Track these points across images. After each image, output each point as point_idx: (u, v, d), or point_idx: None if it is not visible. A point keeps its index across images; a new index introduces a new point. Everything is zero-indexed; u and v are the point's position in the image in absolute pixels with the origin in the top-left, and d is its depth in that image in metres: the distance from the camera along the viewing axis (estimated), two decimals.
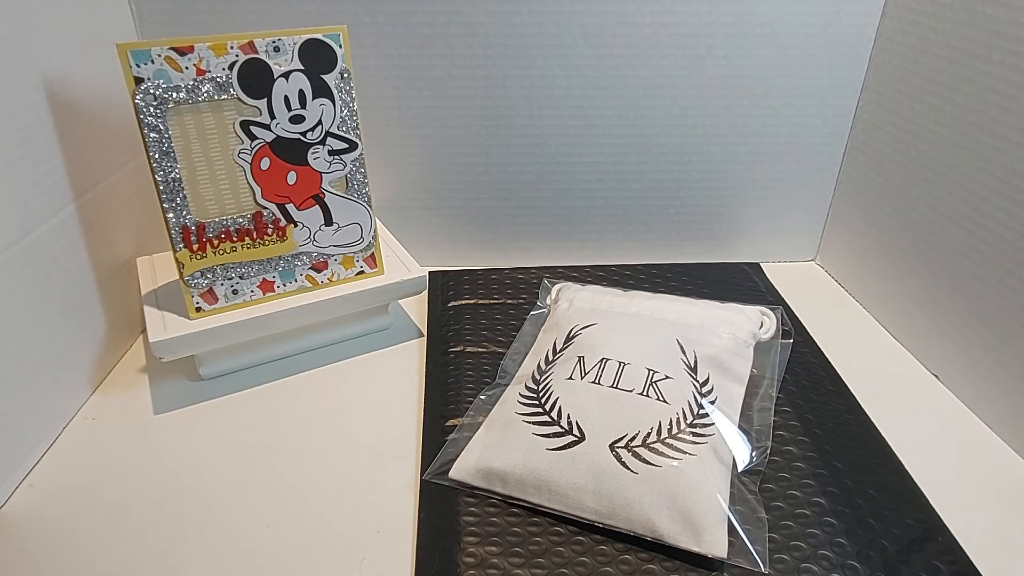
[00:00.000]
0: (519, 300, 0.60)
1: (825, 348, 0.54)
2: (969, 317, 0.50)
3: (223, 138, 0.45)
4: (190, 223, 0.46)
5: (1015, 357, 0.46)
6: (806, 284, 0.66)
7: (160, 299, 0.50)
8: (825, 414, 0.47)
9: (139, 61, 0.41)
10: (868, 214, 0.61)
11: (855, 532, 0.38)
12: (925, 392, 0.52)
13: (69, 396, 0.48)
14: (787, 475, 0.42)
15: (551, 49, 0.57)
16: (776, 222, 0.68)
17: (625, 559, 0.37)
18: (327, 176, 0.49)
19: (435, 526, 0.39)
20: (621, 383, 0.43)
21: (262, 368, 0.53)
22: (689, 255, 0.68)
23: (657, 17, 0.56)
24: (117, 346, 0.54)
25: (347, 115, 0.48)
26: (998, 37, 0.46)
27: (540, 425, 0.42)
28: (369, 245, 0.52)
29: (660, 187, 0.65)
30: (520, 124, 0.61)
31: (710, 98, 0.60)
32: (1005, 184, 0.46)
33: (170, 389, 0.51)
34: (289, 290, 0.51)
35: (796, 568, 0.36)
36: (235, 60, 0.44)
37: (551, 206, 0.65)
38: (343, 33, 0.46)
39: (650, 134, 0.62)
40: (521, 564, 0.36)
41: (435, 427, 0.46)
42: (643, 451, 0.39)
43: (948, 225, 0.51)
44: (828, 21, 0.58)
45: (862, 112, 0.61)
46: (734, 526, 0.37)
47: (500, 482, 0.40)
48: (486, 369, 0.51)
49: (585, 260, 0.67)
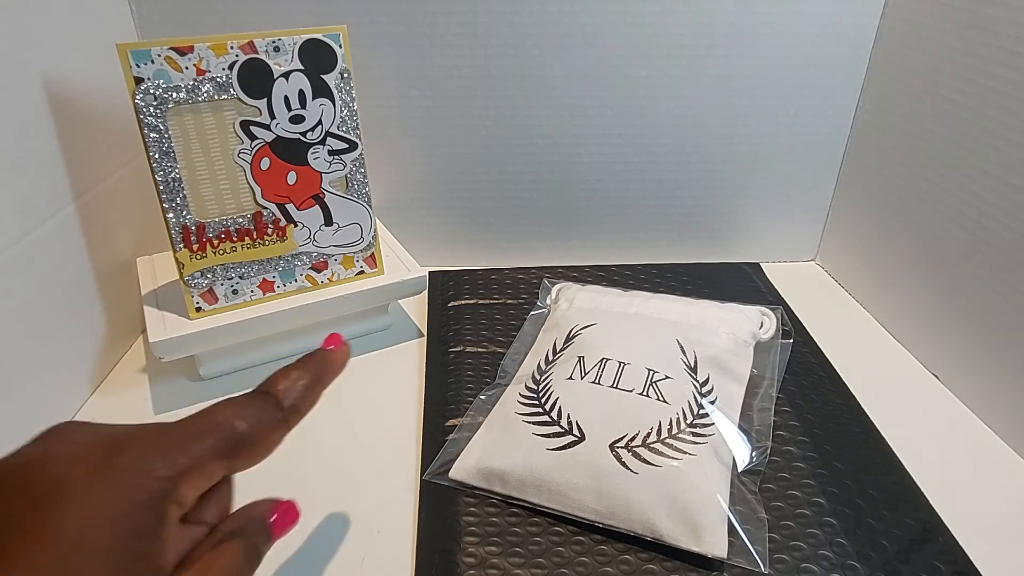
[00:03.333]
0: (519, 300, 0.60)
1: (825, 348, 0.54)
2: (969, 317, 0.50)
3: (223, 138, 0.45)
4: (190, 223, 0.46)
5: (1015, 357, 0.46)
6: (806, 284, 0.66)
7: (160, 299, 0.50)
8: (825, 414, 0.47)
9: (139, 61, 0.41)
10: (868, 214, 0.61)
11: (855, 532, 0.38)
12: (925, 392, 0.52)
13: (69, 396, 0.48)
14: (787, 475, 0.42)
15: (551, 49, 0.57)
16: (776, 222, 0.68)
17: (625, 559, 0.37)
18: (327, 176, 0.49)
19: (435, 526, 0.39)
20: (621, 383, 0.43)
21: (262, 368, 0.53)
22: (689, 255, 0.68)
23: (657, 17, 0.56)
24: (117, 346, 0.54)
25: (347, 115, 0.48)
26: (998, 37, 0.46)
27: (540, 425, 0.42)
28: (369, 245, 0.52)
29: (660, 187, 0.65)
30: (520, 124, 0.61)
31: (710, 98, 0.60)
32: (1005, 184, 0.46)
33: (170, 389, 0.51)
34: (289, 290, 0.51)
35: (796, 568, 0.36)
36: (235, 60, 0.44)
37: (551, 206, 0.65)
38: (343, 33, 0.46)
39: (650, 134, 0.62)
40: (521, 564, 0.36)
41: (435, 427, 0.46)
42: (643, 451, 0.39)
43: (948, 225, 0.51)
44: (828, 21, 0.57)
45: (862, 112, 0.61)
46: (734, 526, 0.37)
47: (500, 482, 0.40)
48: (486, 369, 0.51)
49: (585, 260, 0.67)
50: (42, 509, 0.22)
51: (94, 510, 0.22)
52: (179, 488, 0.24)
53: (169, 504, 0.24)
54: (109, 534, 0.22)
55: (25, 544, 0.21)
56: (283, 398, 0.28)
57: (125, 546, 0.22)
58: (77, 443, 0.24)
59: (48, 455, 0.24)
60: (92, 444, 0.24)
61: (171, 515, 0.24)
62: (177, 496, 0.24)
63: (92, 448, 0.24)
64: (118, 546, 0.22)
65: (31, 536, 0.21)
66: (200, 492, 0.26)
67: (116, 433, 0.25)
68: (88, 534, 0.21)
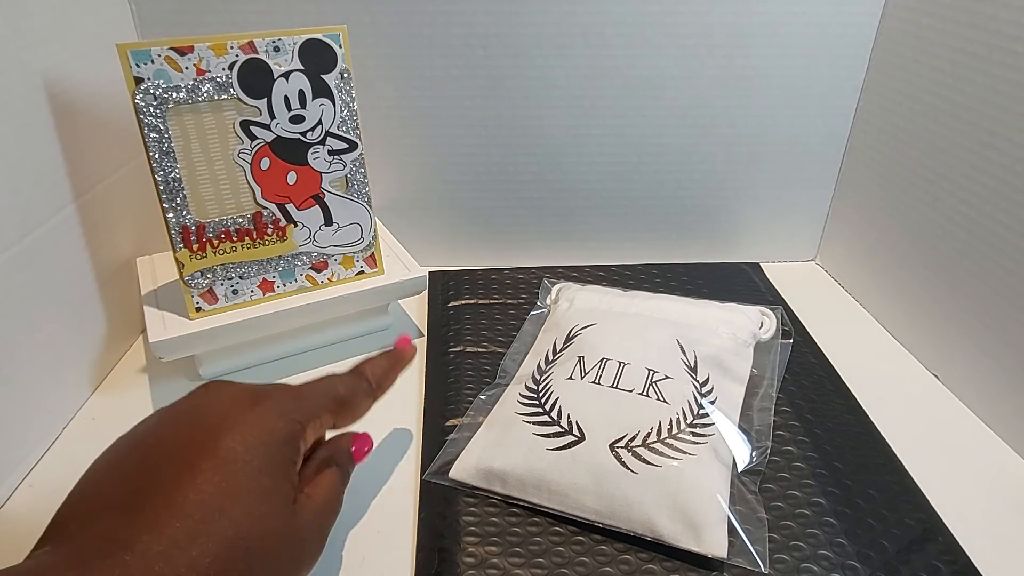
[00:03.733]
0: (519, 300, 0.60)
1: (825, 348, 0.54)
2: (969, 317, 0.50)
3: (223, 138, 0.45)
4: (190, 223, 0.46)
5: (1015, 357, 0.46)
6: (806, 284, 0.66)
7: (160, 299, 0.50)
8: (825, 414, 0.47)
9: (139, 61, 0.41)
10: (868, 214, 0.61)
11: (855, 532, 0.38)
12: (925, 392, 0.52)
13: (69, 396, 0.48)
14: (787, 475, 0.42)
15: (551, 49, 0.57)
16: (776, 222, 0.68)
17: (625, 559, 0.37)
18: (327, 176, 0.49)
19: (435, 526, 0.39)
20: (621, 383, 0.43)
21: (262, 368, 0.53)
22: (689, 255, 0.68)
23: (657, 17, 0.56)
24: (117, 346, 0.54)
25: (347, 115, 0.48)
26: (998, 37, 0.46)
27: (540, 425, 0.42)
28: (369, 245, 0.52)
29: (660, 187, 0.65)
30: (520, 124, 0.61)
31: (710, 98, 0.60)
32: (1005, 184, 0.46)
33: (170, 389, 0.51)
34: (289, 290, 0.51)
35: (796, 568, 0.36)
36: (235, 60, 0.44)
37: (551, 206, 0.65)
38: (343, 33, 0.46)
39: (650, 134, 0.62)
40: (521, 564, 0.36)
41: (435, 427, 0.46)
42: (643, 451, 0.39)
43: (948, 225, 0.51)
44: (828, 21, 0.57)
45: (862, 112, 0.61)
46: (734, 526, 0.37)
47: (500, 482, 0.40)
48: (486, 369, 0.51)
49: (585, 260, 0.67)
50: (215, 435, 0.29)
51: (252, 437, 0.29)
52: (305, 430, 0.32)
53: (299, 440, 0.32)
54: (263, 454, 0.29)
55: (206, 458, 0.28)
56: (370, 375, 0.38)
57: (275, 464, 0.30)
58: (229, 393, 0.32)
59: (210, 399, 0.31)
60: (241, 394, 0.32)
61: (301, 448, 0.32)
62: (304, 434, 0.32)
63: (242, 396, 0.31)
64: (271, 464, 0.29)
65: (210, 453, 0.28)
66: (317, 436, 0.34)
67: (257, 388, 0.33)
68: (250, 453, 0.29)
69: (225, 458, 0.28)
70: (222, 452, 0.28)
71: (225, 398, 0.31)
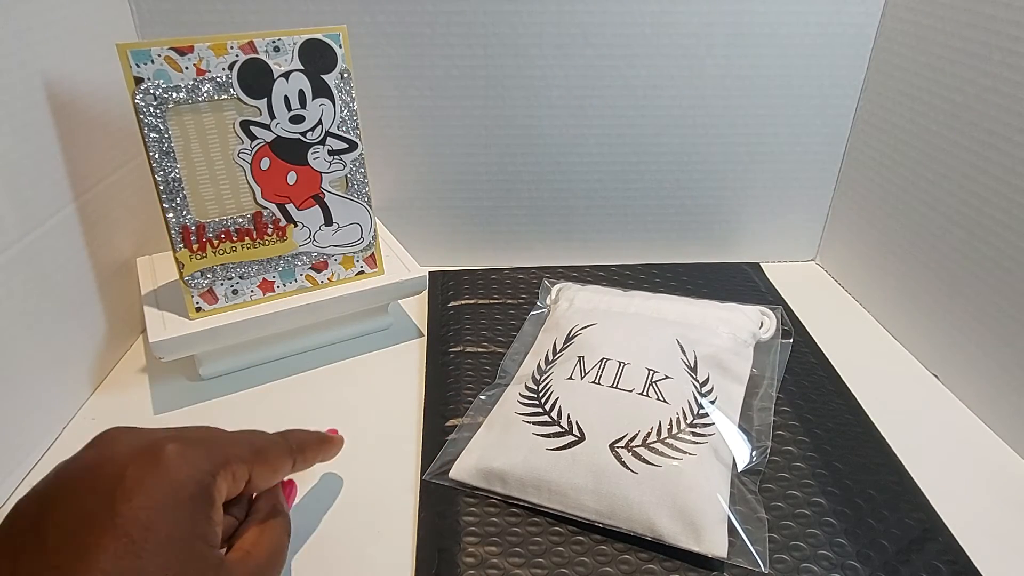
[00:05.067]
0: (519, 300, 0.60)
1: (825, 348, 0.54)
2: (969, 317, 0.50)
3: (223, 138, 0.45)
4: (190, 223, 0.46)
5: (1015, 357, 0.46)
6: (806, 284, 0.66)
7: (160, 299, 0.50)
8: (825, 414, 0.47)
9: (139, 61, 0.41)
10: (868, 214, 0.61)
11: (855, 532, 0.38)
12: (925, 392, 0.52)
13: (69, 396, 0.48)
14: (787, 475, 0.42)
15: (551, 49, 0.57)
16: (776, 222, 0.68)
17: (625, 559, 0.37)
18: (327, 176, 0.49)
19: (435, 526, 0.39)
20: (621, 383, 0.43)
21: (262, 368, 0.53)
22: (689, 255, 0.68)
23: (657, 17, 0.56)
24: (117, 346, 0.54)
25: (347, 115, 0.48)
26: (998, 37, 0.46)
27: (540, 425, 0.42)
28: (369, 245, 0.52)
29: (660, 187, 0.65)
30: (520, 124, 0.61)
31: (710, 98, 0.60)
32: (1005, 184, 0.46)
33: (170, 389, 0.51)
34: (289, 290, 0.51)
35: (796, 568, 0.36)
36: (235, 60, 0.44)
37: (551, 206, 0.65)
38: (343, 33, 0.46)
39: (650, 134, 0.62)
40: (521, 564, 0.36)
41: (435, 427, 0.46)
42: (643, 451, 0.39)
43: (948, 225, 0.51)
44: (828, 21, 0.58)
45: (862, 112, 0.61)
46: (734, 526, 0.37)
47: (500, 482, 0.40)
48: (486, 369, 0.51)
49: (585, 260, 0.67)
50: (111, 502, 0.25)
51: (155, 500, 0.26)
52: (216, 479, 0.29)
53: (211, 491, 0.28)
54: (171, 518, 0.26)
55: (105, 534, 0.24)
56: (292, 438, 0.35)
57: (185, 527, 0.27)
58: (127, 445, 0.28)
59: (104, 458, 0.28)
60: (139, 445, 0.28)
61: (216, 500, 0.29)
62: (216, 484, 0.29)
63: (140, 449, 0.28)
64: (180, 528, 0.26)
65: (109, 528, 0.25)
66: (231, 487, 0.30)
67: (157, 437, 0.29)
68: (155, 520, 0.26)
69: (125, 531, 0.25)
70: (121, 523, 0.25)
71: (122, 453, 0.28)
